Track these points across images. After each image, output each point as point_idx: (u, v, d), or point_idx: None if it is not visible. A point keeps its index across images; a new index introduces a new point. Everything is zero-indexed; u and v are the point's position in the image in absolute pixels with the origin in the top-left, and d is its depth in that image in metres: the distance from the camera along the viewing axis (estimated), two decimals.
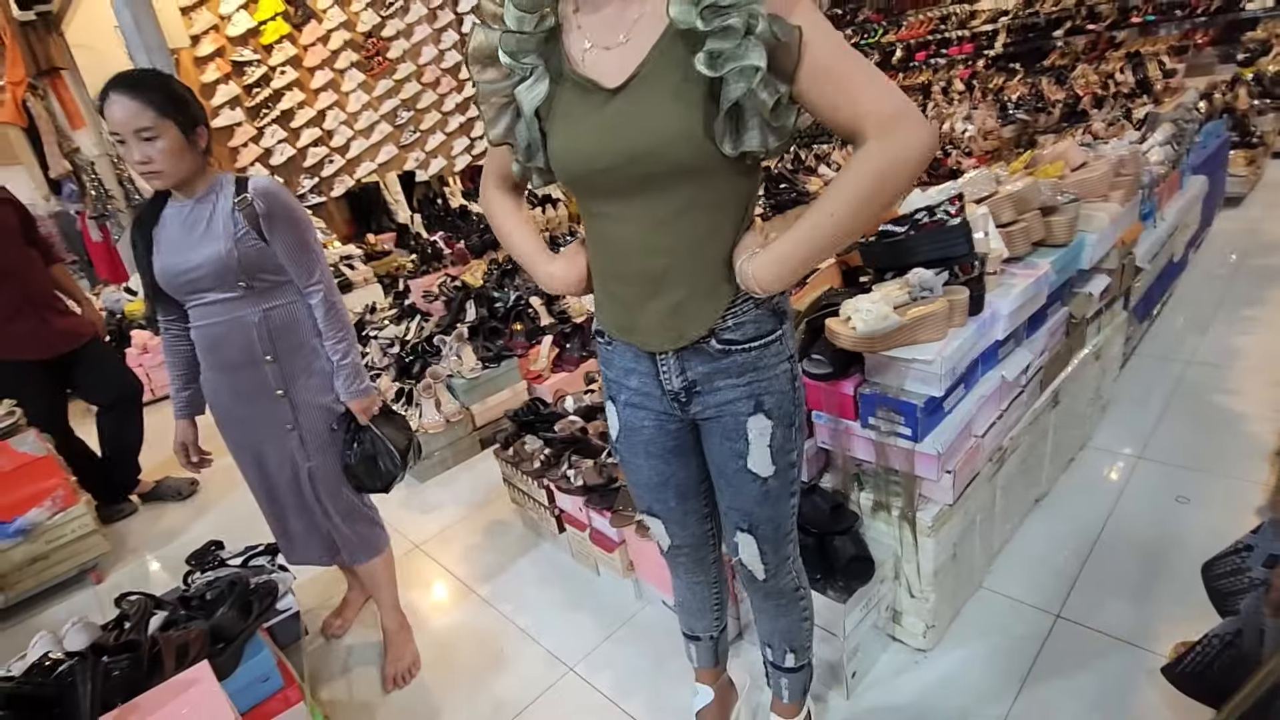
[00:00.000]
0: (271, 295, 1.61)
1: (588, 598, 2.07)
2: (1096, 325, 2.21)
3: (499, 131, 1.01)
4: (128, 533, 2.95)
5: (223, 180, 1.59)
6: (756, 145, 0.88)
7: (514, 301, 3.38)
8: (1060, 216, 1.87)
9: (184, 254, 1.54)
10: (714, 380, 1.06)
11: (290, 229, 1.58)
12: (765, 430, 1.08)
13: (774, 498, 1.14)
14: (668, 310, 1.01)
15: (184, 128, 1.48)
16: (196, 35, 4.68)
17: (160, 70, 1.57)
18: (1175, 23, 6.92)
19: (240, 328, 1.60)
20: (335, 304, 1.67)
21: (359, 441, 1.74)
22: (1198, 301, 3.17)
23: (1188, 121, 3.04)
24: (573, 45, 0.94)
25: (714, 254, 0.99)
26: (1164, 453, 2.22)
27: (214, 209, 1.55)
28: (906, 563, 1.61)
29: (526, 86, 0.94)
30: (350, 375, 1.69)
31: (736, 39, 0.81)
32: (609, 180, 0.95)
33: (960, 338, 1.49)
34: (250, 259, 1.55)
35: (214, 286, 1.56)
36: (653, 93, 0.89)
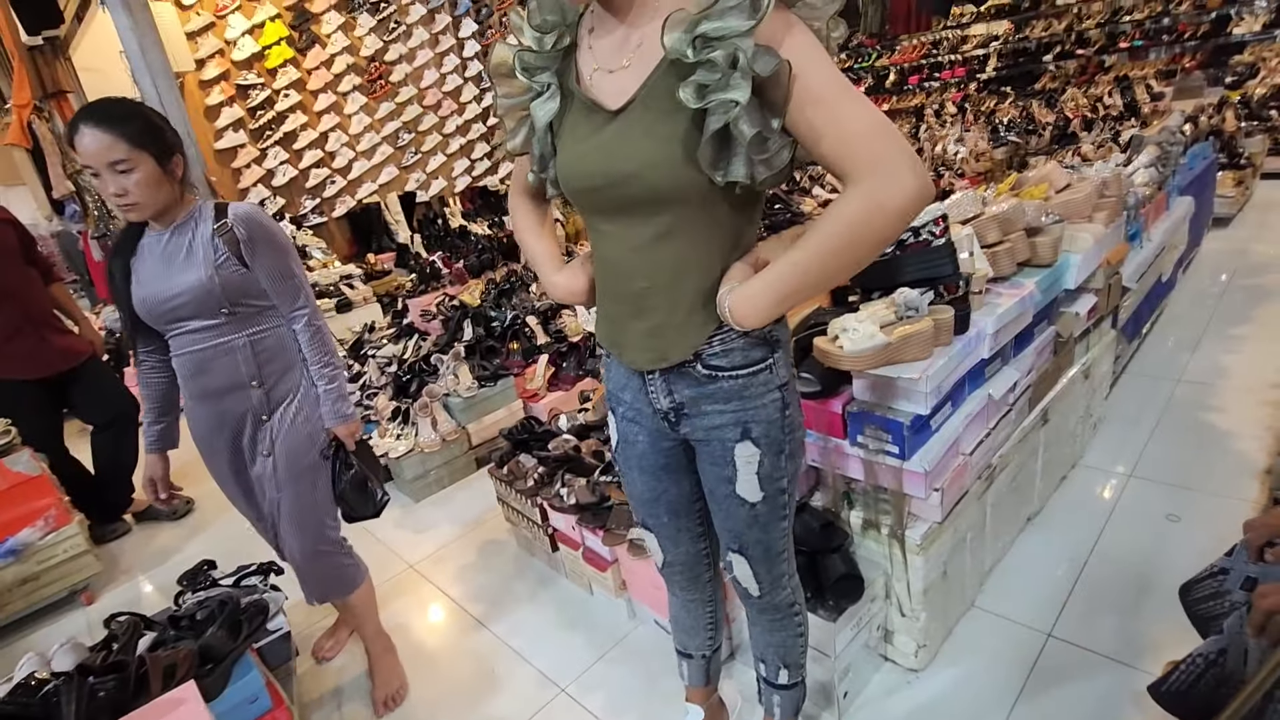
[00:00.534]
0: (256, 320, 1.60)
1: (581, 617, 2.07)
2: (1085, 344, 2.23)
3: (517, 142, 1.05)
4: (120, 553, 2.94)
5: (202, 207, 1.57)
6: (742, 175, 0.87)
7: (511, 321, 3.40)
8: (1045, 237, 1.89)
9: (164, 283, 1.52)
10: (700, 404, 1.07)
11: (272, 254, 1.57)
12: (752, 458, 1.08)
13: (763, 522, 1.14)
14: (647, 331, 1.03)
15: (160, 158, 1.45)
16: (202, 59, 4.76)
17: (133, 99, 1.53)
18: (1163, 47, 7.04)
19: (226, 353, 1.58)
20: (320, 328, 1.66)
21: (350, 467, 1.73)
22: (1187, 320, 3.20)
23: (1172, 144, 3.09)
24: (583, 65, 0.98)
25: (694, 283, 0.99)
26: (1155, 471, 2.23)
27: (193, 236, 1.53)
28: (897, 581, 1.62)
29: (540, 101, 0.99)
30: (337, 399, 1.68)
31: (719, 72, 0.81)
32: (600, 200, 0.98)
33: (946, 356, 1.51)
34: (232, 285, 1.53)
35: (196, 314, 1.54)
36: (643, 118, 0.91)
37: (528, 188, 1.18)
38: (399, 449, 2.87)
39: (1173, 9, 6.90)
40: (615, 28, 0.94)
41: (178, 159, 1.51)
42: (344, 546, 1.85)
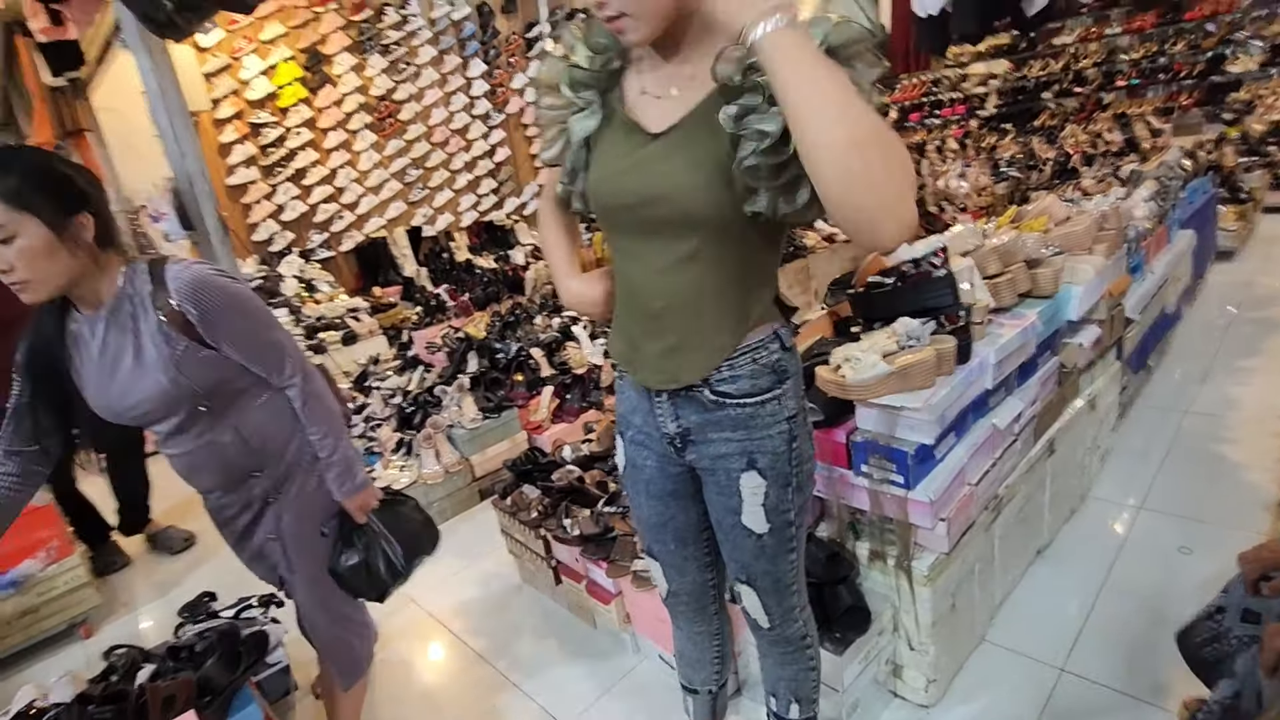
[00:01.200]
0: (240, 402, 1.35)
1: (584, 652, 2.03)
2: (1090, 375, 2.22)
3: (552, 153, 1.08)
4: (120, 586, 2.92)
5: (134, 281, 1.24)
6: (764, 208, 0.90)
7: (515, 353, 3.42)
8: (1045, 269, 1.91)
9: (117, 391, 1.25)
10: (707, 431, 1.07)
11: (238, 324, 1.29)
12: (759, 489, 1.07)
13: (771, 554, 1.13)
14: (662, 352, 1.04)
15: (53, 220, 1.13)
16: (217, 98, 4.90)
17: (31, 149, 1.28)
18: (1160, 85, 7.16)
19: (214, 451, 1.34)
20: (315, 393, 1.41)
21: (352, 544, 1.51)
22: (1194, 353, 3.19)
23: (1171, 178, 3.12)
24: (630, 89, 1.01)
25: (712, 308, 1.00)
26: (1165, 503, 2.20)
27: (137, 331, 1.23)
28: (905, 613, 1.59)
29: (581, 117, 1.02)
30: (342, 471, 1.44)
31: (759, 100, 0.84)
32: (629, 218, 1.00)
33: (949, 386, 1.51)
34: (201, 377, 1.26)
35: (168, 416, 1.29)
36: (683, 143, 0.94)
37: (558, 198, 1.19)
38: (402, 481, 2.86)
39: (1168, 49, 7.04)
40: (666, 62, 0.98)
41: (82, 220, 1.17)
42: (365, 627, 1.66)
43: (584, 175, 1.06)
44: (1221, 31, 6.82)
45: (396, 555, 1.54)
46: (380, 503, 1.58)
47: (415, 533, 1.62)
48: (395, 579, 1.56)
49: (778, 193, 0.89)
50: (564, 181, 1.09)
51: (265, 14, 5.02)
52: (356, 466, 1.48)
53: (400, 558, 1.55)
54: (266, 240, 5.21)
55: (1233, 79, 6.71)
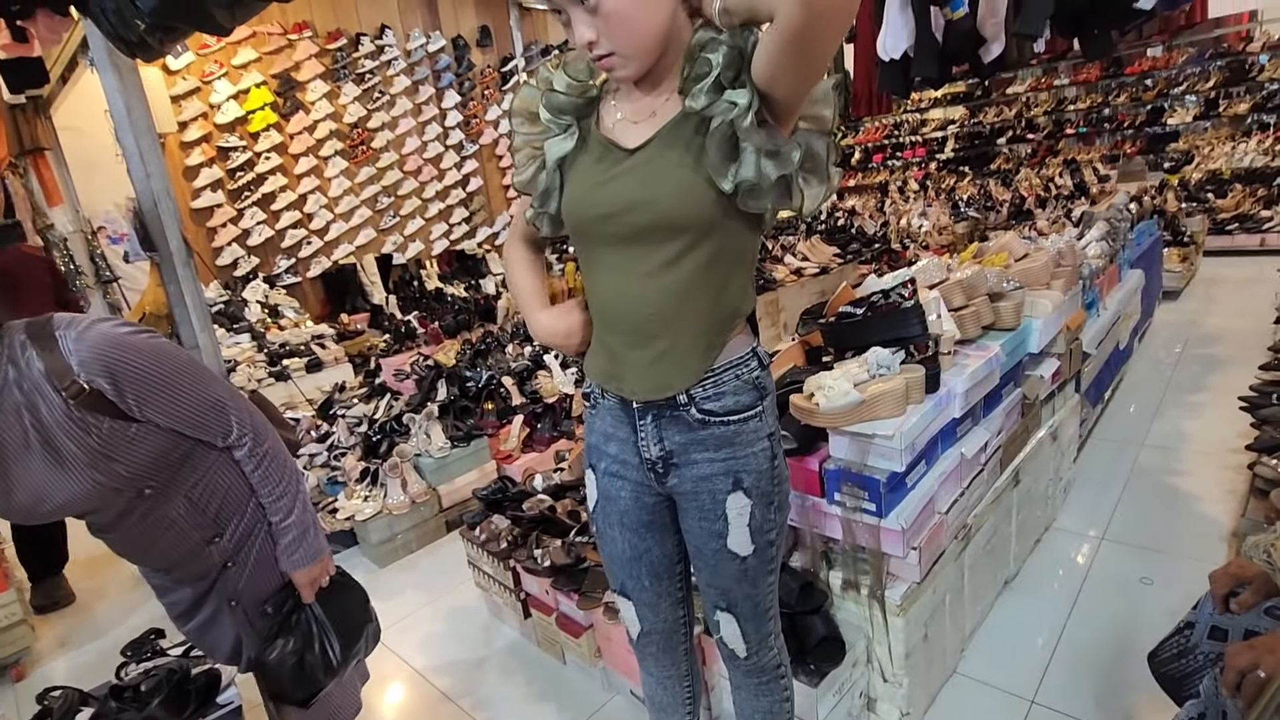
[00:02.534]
0: (184, 474, 1.18)
1: (553, 689, 1.98)
2: (1051, 407, 2.28)
3: (524, 178, 1.11)
4: (58, 624, 2.75)
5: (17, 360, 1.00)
6: (752, 175, 0.91)
7: (486, 381, 3.38)
8: (1007, 302, 1.97)
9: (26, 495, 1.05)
10: (691, 453, 1.07)
11: (166, 387, 1.09)
12: (744, 509, 1.08)
13: (753, 576, 1.13)
14: (652, 359, 1.04)
15: None
16: (185, 121, 4.83)
17: None
18: (1105, 134, 7.56)
19: (163, 527, 1.19)
20: (268, 453, 1.25)
21: (289, 629, 1.32)
22: (1146, 388, 3.31)
23: (1120, 220, 3.27)
24: (607, 116, 1.05)
25: (699, 309, 1.02)
26: (1126, 534, 2.25)
27: (40, 423, 1.01)
28: (878, 644, 1.58)
29: (557, 140, 1.06)
30: (295, 539, 1.29)
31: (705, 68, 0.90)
32: (609, 227, 1.01)
33: (918, 414, 1.53)
34: (140, 458, 1.09)
35: (104, 508, 1.13)
36: (659, 153, 0.98)
37: (525, 233, 1.22)
38: (366, 511, 2.78)
39: (1112, 100, 7.44)
40: (640, 96, 1.02)
41: None
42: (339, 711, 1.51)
43: (557, 196, 1.08)
44: (1159, 86, 7.25)
45: (334, 650, 1.34)
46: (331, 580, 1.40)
47: (359, 623, 1.41)
48: (329, 678, 1.35)
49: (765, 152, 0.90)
50: (535, 205, 1.11)
51: (238, 39, 4.99)
52: (313, 533, 1.32)
53: (338, 653, 1.35)
54: (231, 264, 5.10)
55: (1171, 130, 7.12)
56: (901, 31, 2.90)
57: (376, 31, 5.76)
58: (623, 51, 0.93)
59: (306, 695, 1.35)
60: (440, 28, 6.21)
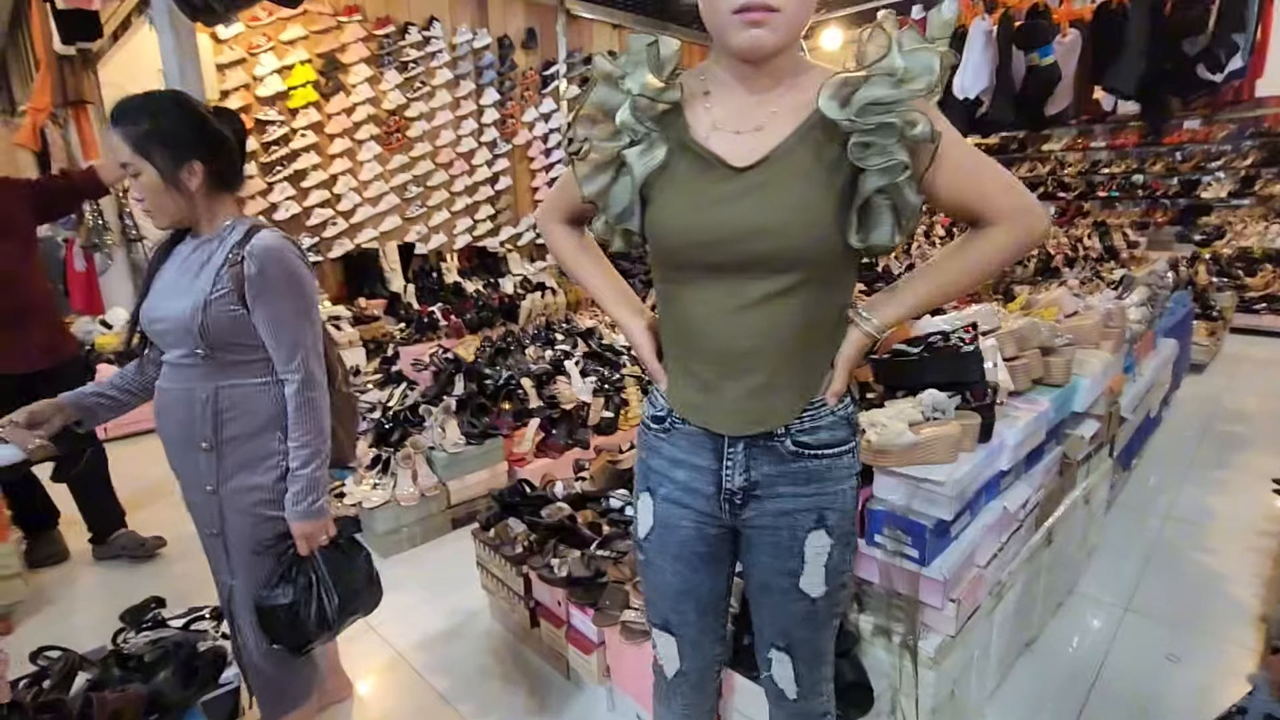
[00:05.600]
0: (234, 372, 1.37)
1: (556, 704, 1.92)
2: (1086, 469, 2.24)
3: (594, 189, 0.99)
4: (51, 582, 2.69)
5: (235, 226, 1.38)
6: (886, 239, 0.91)
7: (505, 380, 3.34)
8: (1058, 357, 1.94)
9: (162, 300, 1.37)
10: (777, 485, 1.02)
11: (278, 299, 1.35)
12: (824, 549, 1.03)
13: (820, 620, 1.08)
14: (747, 393, 0.99)
15: (163, 165, 1.30)
16: (227, 90, 4.83)
17: (160, 95, 1.37)
18: (1137, 201, 7.57)
19: (184, 402, 1.36)
20: (313, 400, 1.39)
21: (289, 580, 1.41)
22: (1171, 458, 3.26)
23: (1160, 286, 3.25)
24: (698, 121, 0.95)
25: (802, 344, 0.97)
26: (1150, 607, 2.20)
27: (209, 259, 1.35)
28: (905, 695, 1.53)
29: (640, 150, 0.94)
30: (304, 489, 1.39)
31: (893, 136, 0.85)
32: (715, 254, 0.93)
33: (970, 463, 1.49)
34: (219, 326, 1.32)
35: (175, 344, 1.36)
36: (784, 176, 0.90)
37: (570, 215, 1.15)
38: (374, 499, 2.73)
39: (1147, 167, 7.47)
40: (740, 95, 0.94)
41: (191, 168, 1.32)
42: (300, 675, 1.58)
43: (639, 212, 0.99)
44: (1196, 159, 7.28)
45: (331, 607, 1.43)
46: (334, 544, 1.49)
47: (358, 588, 1.51)
48: (321, 633, 1.44)
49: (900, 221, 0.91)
50: (609, 220, 1.00)
51: (289, 16, 5.01)
52: (319, 493, 1.42)
53: (335, 611, 1.45)
54: None
55: (1204, 204, 7.13)
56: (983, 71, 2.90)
57: (425, 23, 5.78)
58: (788, 12, 0.84)
59: (296, 645, 1.45)
60: (488, 25, 6.24)
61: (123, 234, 4.72)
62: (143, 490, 3.30)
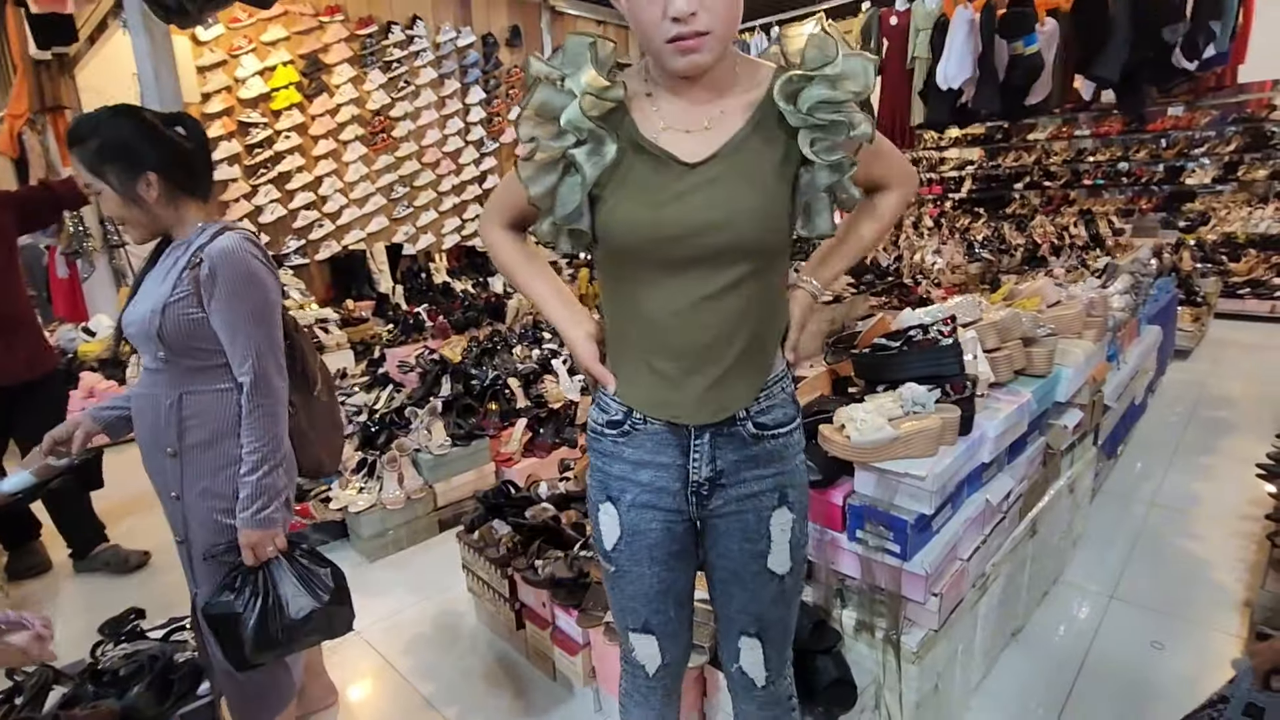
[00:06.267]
0: (197, 378, 1.36)
1: (542, 705, 1.91)
2: (1070, 458, 2.25)
3: (540, 191, 0.96)
4: (32, 593, 2.66)
5: (205, 229, 1.37)
6: (828, 228, 0.99)
7: (491, 381, 3.32)
8: (1040, 348, 1.93)
9: (135, 306, 1.37)
10: (740, 471, 1.05)
11: (233, 301, 1.31)
12: (787, 525, 1.07)
13: (788, 597, 1.12)
14: (709, 384, 1.00)
15: (117, 181, 1.29)
16: (208, 93, 4.78)
17: (110, 112, 1.33)
18: (1122, 188, 7.59)
19: (153, 408, 1.37)
20: (265, 405, 1.35)
21: (233, 588, 1.35)
22: (1155, 445, 3.28)
23: (1143, 274, 3.25)
24: (645, 121, 0.95)
25: (754, 330, 1.00)
26: (1135, 595, 2.21)
27: (175, 263, 1.35)
28: (889, 690, 1.53)
29: (589, 150, 0.93)
30: (250, 495, 1.34)
31: (841, 134, 0.91)
32: (672, 250, 0.94)
33: (951, 456, 1.49)
34: (176, 330, 1.31)
35: (143, 349, 1.36)
36: (736, 170, 0.93)
37: (514, 218, 1.12)
38: (359, 503, 2.71)
39: (1131, 155, 7.49)
40: (684, 96, 0.95)
41: (147, 179, 1.30)
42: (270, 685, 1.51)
43: (589, 213, 0.97)
44: (1179, 145, 7.30)
45: (277, 627, 1.34)
46: (289, 558, 1.41)
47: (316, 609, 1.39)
48: (263, 651, 1.35)
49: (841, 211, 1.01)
50: (556, 221, 0.98)
51: (269, 16, 4.96)
52: (267, 501, 1.35)
53: (281, 629, 1.35)
54: None
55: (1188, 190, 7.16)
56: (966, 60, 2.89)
57: (408, 21, 5.74)
58: (718, 32, 0.87)
59: (237, 661, 1.35)
60: (471, 24, 6.19)
61: (104, 240, 4.68)
62: (128, 499, 3.27)
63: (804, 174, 0.95)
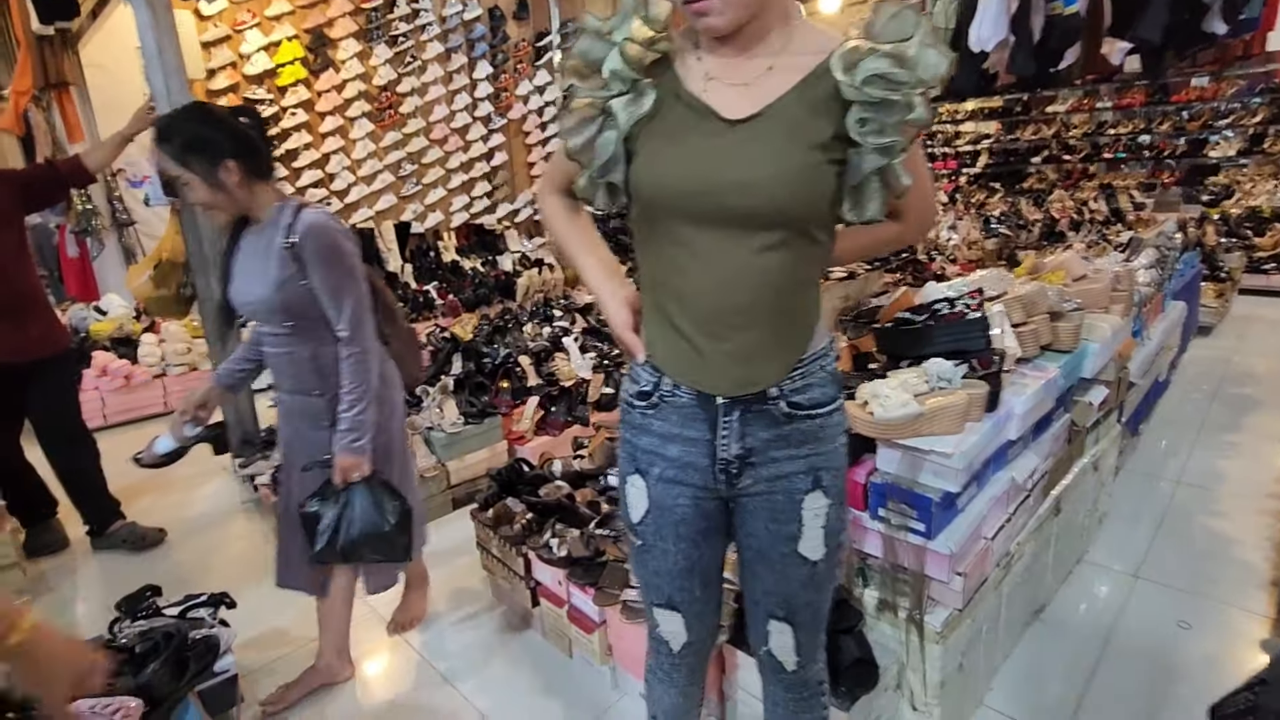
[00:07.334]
0: (323, 333, 1.61)
1: (558, 683, 1.90)
2: (1094, 436, 2.20)
3: (579, 143, 0.95)
4: (50, 571, 2.68)
5: (283, 209, 1.58)
6: (877, 213, 0.90)
7: (503, 359, 3.30)
8: (1067, 323, 1.88)
9: (244, 286, 1.61)
10: (771, 450, 1.00)
11: (323, 268, 1.55)
12: (821, 510, 1.02)
13: (819, 582, 1.07)
14: (739, 352, 0.95)
15: (203, 170, 1.48)
16: (213, 69, 4.72)
17: (186, 110, 1.56)
18: (1143, 162, 7.42)
19: (291, 362, 1.64)
20: (358, 355, 1.61)
21: (324, 498, 1.64)
22: (1179, 422, 3.21)
23: (1168, 249, 3.17)
24: (690, 74, 0.93)
25: (789, 302, 0.96)
26: (1161, 574, 2.17)
27: (270, 245, 1.56)
28: (912, 671, 1.51)
29: (628, 100, 0.91)
30: (348, 429, 1.61)
31: (895, 115, 0.84)
32: (704, 207, 0.91)
33: (978, 433, 1.45)
34: (294, 301, 1.56)
35: (266, 320, 1.63)
36: (778, 131, 0.88)
37: (567, 186, 1.09)
38: None
39: (1154, 128, 7.30)
40: (731, 52, 0.92)
41: (227, 165, 1.49)
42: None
43: (623, 165, 0.95)
44: (1204, 117, 7.11)
45: (346, 537, 1.62)
46: (370, 484, 1.65)
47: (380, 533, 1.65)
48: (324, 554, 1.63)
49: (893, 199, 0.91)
50: (593, 175, 0.97)
51: None
52: (360, 434, 1.62)
53: (348, 541, 1.62)
54: None
55: (1212, 163, 6.98)
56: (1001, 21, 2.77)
57: None
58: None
59: (313, 556, 1.66)
60: None
61: (113, 218, 4.66)
62: (145, 478, 3.28)
63: (852, 155, 0.88)
